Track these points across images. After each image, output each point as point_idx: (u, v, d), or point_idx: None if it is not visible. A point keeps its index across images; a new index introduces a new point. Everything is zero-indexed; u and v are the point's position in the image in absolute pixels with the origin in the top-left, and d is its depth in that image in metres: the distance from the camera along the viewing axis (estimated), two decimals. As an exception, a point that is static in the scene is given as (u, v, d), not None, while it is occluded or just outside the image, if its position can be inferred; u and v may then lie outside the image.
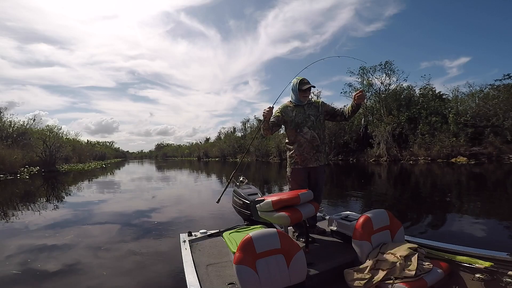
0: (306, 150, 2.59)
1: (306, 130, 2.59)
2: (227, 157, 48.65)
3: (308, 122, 2.61)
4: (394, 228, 2.06)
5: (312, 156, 2.60)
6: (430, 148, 18.89)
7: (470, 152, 17.48)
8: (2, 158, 17.34)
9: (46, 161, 21.61)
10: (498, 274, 1.72)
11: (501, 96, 18.45)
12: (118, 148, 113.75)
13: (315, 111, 2.66)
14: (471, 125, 18.65)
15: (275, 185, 10.69)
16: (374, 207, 5.84)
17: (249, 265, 1.56)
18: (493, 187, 8.54)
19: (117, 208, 6.85)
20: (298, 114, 2.62)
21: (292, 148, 2.67)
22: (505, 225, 4.36)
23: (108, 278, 2.83)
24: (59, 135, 27.51)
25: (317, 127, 2.63)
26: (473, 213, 5.22)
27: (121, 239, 4.18)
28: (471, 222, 4.54)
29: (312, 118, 2.63)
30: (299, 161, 2.61)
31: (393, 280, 1.64)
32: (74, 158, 32.83)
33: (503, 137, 17.34)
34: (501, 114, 17.83)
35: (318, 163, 2.63)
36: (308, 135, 2.59)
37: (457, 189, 8.25)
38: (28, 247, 3.87)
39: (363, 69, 26.96)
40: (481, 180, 10.06)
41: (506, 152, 16.65)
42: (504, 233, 4.00)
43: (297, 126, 2.61)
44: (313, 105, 2.69)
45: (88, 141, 54.19)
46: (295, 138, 2.63)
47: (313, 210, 2.30)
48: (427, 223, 4.71)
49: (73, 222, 5.41)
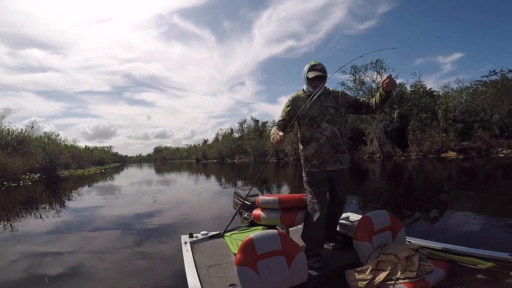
0: (325, 150, 2.15)
1: (325, 125, 2.15)
2: (225, 158, 49.02)
3: (326, 116, 2.16)
4: (395, 229, 2.06)
5: (331, 157, 2.16)
6: (421, 144, 19.44)
7: (460, 147, 18.04)
8: (4, 166, 17.65)
9: (46, 168, 21.90)
10: (500, 275, 1.71)
11: (488, 91, 19.01)
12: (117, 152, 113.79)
13: (334, 103, 2.22)
14: (461, 121, 19.22)
15: (273, 184, 10.91)
16: (372, 206, 6.10)
17: (250, 267, 1.56)
18: (484, 180, 8.77)
19: (119, 212, 6.91)
20: (313, 106, 2.16)
21: (307, 148, 2.22)
22: (504, 223, 4.23)
23: (110, 280, 2.87)
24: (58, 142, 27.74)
25: (338, 121, 2.19)
26: (470, 209, 5.19)
27: (122, 241, 4.26)
28: (469, 219, 4.52)
29: (331, 110, 2.18)
30: (316, 162, 2.17)
31: (394, 281, 1.64)
32: (74, 164, 33.04)
33: (491, 131, 17.91)
34: (488, 109, 18.40)
35: (339, 165, 2.18)
36: (328, 131, 2.14)
37: (450, 184, 8.46)
38: (32, 253, 3.89)
39: (355, 68, 27.54)
40: (471, 174, 10.42)
41: (495, 146, 17.21)
42: (504, 232, 3.89)
43: (312, 120, 2.17)
44: (331, 95, 2.25)
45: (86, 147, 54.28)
46: (311, 136, 2.18)
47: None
48: (426, 223, 4.73)
49: (76, 227, 5.49)
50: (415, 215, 5.13)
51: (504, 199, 5.91)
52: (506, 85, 18.42)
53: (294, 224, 2.31)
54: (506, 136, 17.40)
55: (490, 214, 4.79)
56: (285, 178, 14.08)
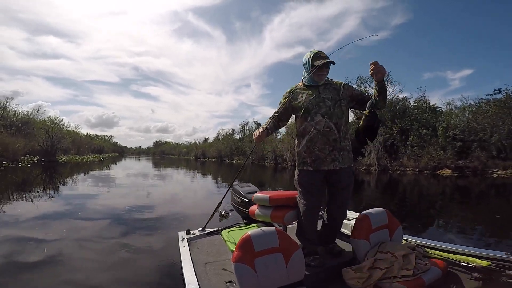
0: (318, 145, 1.98)
1: (318, 119, 1.98)
2: (224, 158, 49.13)
3: (322, 108, 1.99)
4: (392, 227, 2.06)
5: (327, 154, 1.98)
6: (418, 160, 19.54)
7: (456, 165, 18.13)
8: (5, 145, 17.87)
9: (47, 151, 22.15)
10: (496, 273, 1.74)
11: (490, 110, 18.93)
12: (116, 142, 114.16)
13: (334, 94, 2.04)
14: (460, 139, 19.30)
15: (269, 188, 10.94)
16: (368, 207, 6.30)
17: (248, 264, 1.56)
18: (477, 196, 9.04)
19: (116, 204, 6.73)
20: (309, 97, 2.01)
21: (301, 143, 2.07)
22: (499, 226, 4.38)
23: (106, 275, 2.80)
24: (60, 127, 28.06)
25: (335, 115, 1.99)
26: (466, 213, 5.40)
27: (118, 236, 4.14)
28: (466, 221, 4.65)
29: (328, 102, 2.00)
30: (308, 160, 2.02)
31: (391, 279, 1.66)
32: (73, 150, 33.29)
33: (489, 152, 17.99)
34: (489, 129, 18.40)
35: (338, 164, 2.00)
36: (321, 125, 1.97)
37: (446, 198, 8.67)
38: (16, 237, 3.84)
39: (361, 79, 27.72)
40: (465, 190, 10.64)
41: (491, 166, 17.30)
42: (500, 233, 4.02)
43: (307, 112, 2.01)
44: (332, 87, 2.07)
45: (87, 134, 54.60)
46: (304, 129, 2.03)
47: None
48: (423, 222, 4.77)
49: (66, 215, 5.42)
50: (411, 216, 5.25)
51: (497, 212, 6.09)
52: (510, 104, 18.24)
53: (283, 222, 2.29)
54: (502, 158, 17.49)
55: (485, 218, 4.91)
56: (281, 182, 14.21)
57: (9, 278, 2.66)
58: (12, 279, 2.63)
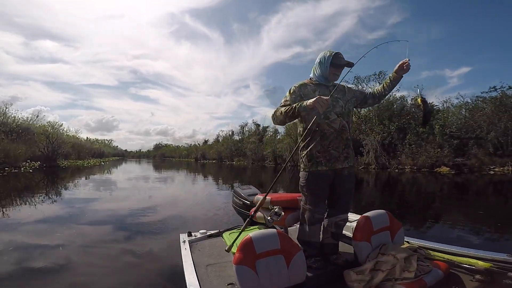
0: (333, 144, 1.97)
1: (334, 117, 1.98)
2: (224, 159, 49.29)
3: (336, 107, 1.99)
4: (394, 228, 2.06)
5: (341, 153, 1.99)
6: (416, 158, 19.71)
7: (454, 162, 18.28)
8: (7, 151, 18.03)
9: (48, 156, 22.30)
10: (498, 275, 1.72)
11: (486, 108, 19.17)
12: (117, 146, 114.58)
13: (343, 95, 2.08)
14: (457, 137, 19.47)
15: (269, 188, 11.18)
16: (368, 209, 6.34)
17: (249, 266, 1.56)
18: (475, 193, 9.16)
19: (118, 208, 6.81)
20: (323, 95, 1.90)
21: (313, 143, 1.99)
22: (499, 226, 4.39)
23: (107, 277, 2.87)
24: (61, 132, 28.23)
25: (347, 115, 2.05)
26: (466, 213, 5.39)
27: (120, 238, 4.22)
28: (466, 222, 4.65)
29: (341, 102, 2.03)
30: (322, 160, 1.96)
31: (393, 282, 1.65)
32: (74, 154, 33.44)
33: (486, 149, 18.14)
34: (485, 126, 18.57)
35: (348, 162, 2.04)
36: (337, 124, 1.98)
37: (445, 197, 8.75)
38: (25, 244, 3.91)
39: (358, 79, 27.89)
40: (464, 188, 10.76)
41: (488, 163, 17.45)
42: (501, 235, 4.03)
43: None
44: (339, 88, 2.08)
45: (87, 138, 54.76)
46: (318, 128, 1.97)
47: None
48: (424, 223, 4.82)
49: (70, 220, 5.48)
50: (411, 217, 5.30)
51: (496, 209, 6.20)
52: (505, 102, 18.48)
53: (284, 224, 2.28)
54: (499, 155, 17.65)
55: (486, 218, 4.92)
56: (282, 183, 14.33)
57: (18, 282, 2.74)
58: (21, 284, 2.71)
